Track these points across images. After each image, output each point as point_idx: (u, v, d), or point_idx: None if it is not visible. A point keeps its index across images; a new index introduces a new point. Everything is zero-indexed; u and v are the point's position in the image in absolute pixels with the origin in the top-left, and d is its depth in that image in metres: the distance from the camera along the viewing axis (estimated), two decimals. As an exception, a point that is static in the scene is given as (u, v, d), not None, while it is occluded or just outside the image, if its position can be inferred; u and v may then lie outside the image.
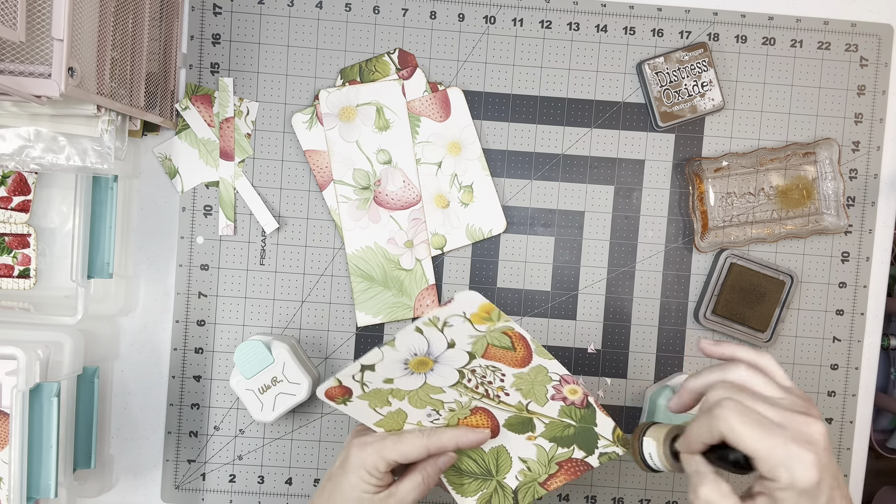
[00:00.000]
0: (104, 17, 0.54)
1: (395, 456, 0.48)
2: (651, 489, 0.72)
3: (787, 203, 0.71)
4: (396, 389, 0.50)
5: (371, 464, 0.48)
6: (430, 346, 0.49)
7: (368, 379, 0.49)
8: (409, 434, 0.49)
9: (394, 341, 0.47)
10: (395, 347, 0.48)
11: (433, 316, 0.47)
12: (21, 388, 0.55)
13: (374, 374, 0.49)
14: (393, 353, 0.48)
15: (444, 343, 0.49)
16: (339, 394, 0.49)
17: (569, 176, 0.72)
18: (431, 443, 0.49)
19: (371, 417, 0.51)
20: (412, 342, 0.48)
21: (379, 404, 0.51)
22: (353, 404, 0.50)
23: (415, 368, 0.50)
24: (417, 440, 0.49)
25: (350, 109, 0.70)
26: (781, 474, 0.38)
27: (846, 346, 0.73)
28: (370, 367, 0.48)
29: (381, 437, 0.49)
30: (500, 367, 0.51)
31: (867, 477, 0.74)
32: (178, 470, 0.71)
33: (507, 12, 0.71)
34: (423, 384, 0.51)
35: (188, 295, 0.71)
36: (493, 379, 0.51)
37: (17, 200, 0.66)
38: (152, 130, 0.70)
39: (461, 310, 0.47)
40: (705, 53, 0.70)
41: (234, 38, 0.70)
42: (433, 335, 0.48)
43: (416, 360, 0.49)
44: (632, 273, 0.72)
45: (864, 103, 0.72)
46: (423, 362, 0.50)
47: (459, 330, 0.48)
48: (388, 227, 0.70)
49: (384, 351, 0.47)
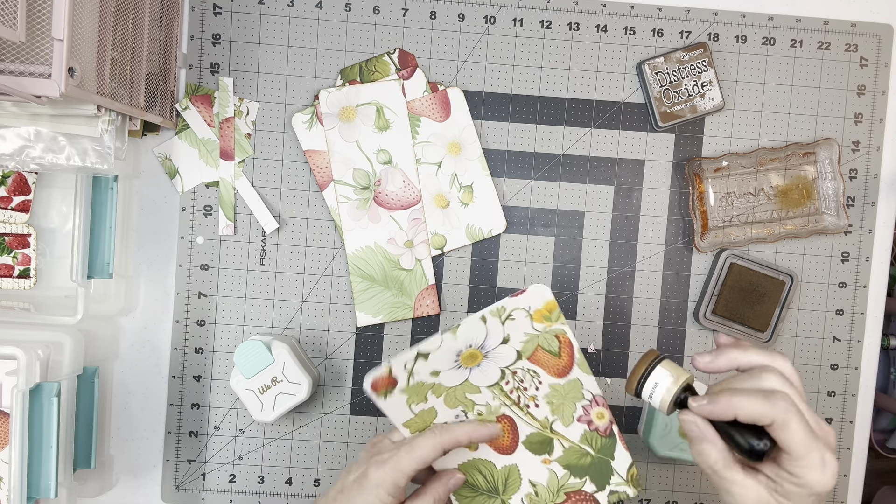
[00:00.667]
0: (104, 17, 0.54)
1: (412, 465, 0.47)
2: (651, 489, 0.72)
3: (787, 203, 0.71)
4: (438, 385, 0.50)
5: (391, 481, 0.47)
6: (487, 339, 0.50)
7: (418, 369, 0.49)
8: (421, 437, 0.48)
9: (457, 328, 0.48)
10: (456, 335, 0.48)
11: (501, 305, 0.48)
12: (21, 388, 0.55)
13: (426, 364, 0.49)
14: (452, 341, 0.49)
15: (500, 337, 0.50)
16: (385, 385, 0.48)
17: (569, 176, 0.72)
18: (444, 439, 0.48)
19: (403, 415, 0.50)
20: (473, 331, 0.49)
21: (416, 400, 0.50)
22: (393, 398, 0.49)
23: (464, 362, 0.50)
24: (430, 439, 0.48)
25: (350, 109, 0.70)
26: (809, 476, 0.41)
27: (846, 346, 0.73)
28: (424, 356, 0.48)
29: (395, 452, 0.48)
30: (540, 373, 0.52)
31: (867, 477, 0.74)
32: (178, 470, 0.71)
33: (507, 12, 0.71)
34: (465, 381, 0.51)
35: (188, 295, 0.71)
36: (530, 385, 0.52)
37: (18, 200, 0.66)
38: (152, 130, 0.70)
39: (528, 303, 0.49)
40: (705, 53, 0.70)
41: (234, 38, 0.70)
42: (494, 326, 0.49)
43: (468, 352, 0.50)
44: (632, 273, 0.72)
45: (864, 103, 0.72)
46: (474, 356, 0.50)
47: (518, 325, 0.50)
48: (388, 227, 0.70)
49: (444, 338, 0.48)
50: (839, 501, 0.73)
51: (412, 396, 0.50)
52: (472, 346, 0.50)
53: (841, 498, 0.73)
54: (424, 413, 0.51)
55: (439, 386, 0.51)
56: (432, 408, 0.51)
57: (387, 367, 0.48)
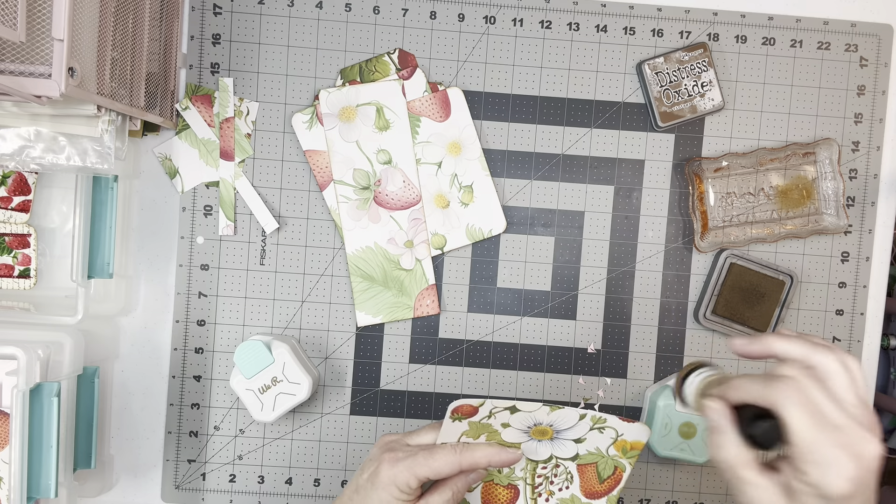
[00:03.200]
0: (104, 17, 0.54)
1: (427, 472, 0.47)
2: (651, 489, 0.72)
3: (786, 203, 0.71)
4: (497, 433, 0.50)
5: (403, 480, 0.47)
6: (571, 429, 0.51)
7: (500, 416, 0.49)
8: (441, 449, 0.48)
9: (558, 409, 0.49)
10: (550, 414, 0.49)
11: (605, 417, 0.49)
12: (21, 388, 0.55)
13: (507, 416, 0.49)
14: (544, 415, 0.49)
15: (578, 435, 0.51)
16: (466, 413, 0.49)
17: (569, 176, 0.72)
18: (464, 459, 0.48)
19: (450, 439, 0.51)
20: (565, 419, 0.50)
21: (471, 435, 0.50)
22: (458, 424, 0.49)
23: (534, 433, 0.51)
24: (450, 456, 0.47)
25: (350, 109, 0.70)
26: (812, 471, 0.38)
27: (846, 346, 0.73)
28: (514, 410, 0.49)
29: (413, 454, 0.48)
30: (575, 481, 0.53)
31: (867, 477, 0.74)
32: (178, 470, 0.71)
33: (507, 12, 0.71)
34: (518, 444, 0.51)
35: (188, 295, 0.71)
36: (558, 483, 0.53)
37: (18, 200, 0.66)
38: (152, 130, 0.70)
39: (625, 431, 0.50)
40: (705, 53, 0.70)
41: (234, 38, 0.70)
42: (583, 426, 0.50)
43: (544, 428, 0.51)
44: (632, 273, 0.72)
45: (864, 103, 0.72)
46: (545, 432, 0.51)
47: (600, 439, 0.51)
48: (388, 227, 0.70)
49: (541, 408, 0.49)
50: (839, 501, 0.73)
51: (472, 430, 0.50)
52: (553, 426, 0.50)
53: (841, 498, 0.73)
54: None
55: (497, 434, 0.51)
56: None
57: (481, 402, 0.48)
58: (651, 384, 0.72)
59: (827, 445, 0.38)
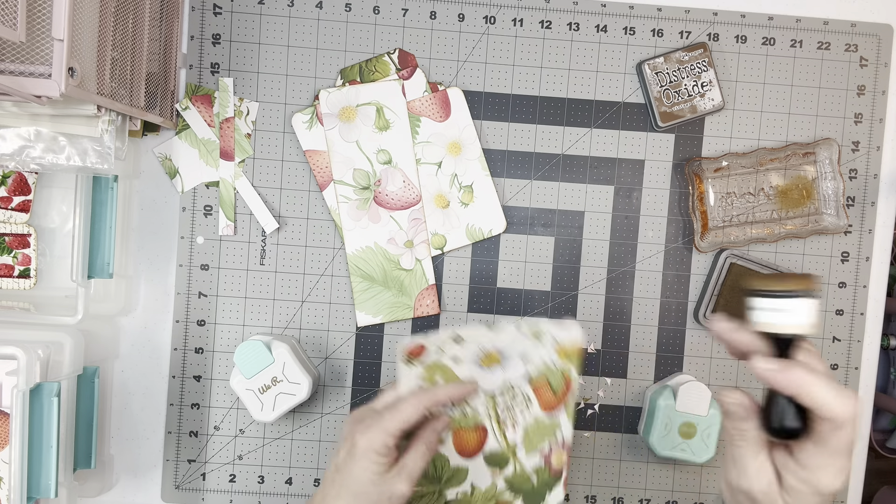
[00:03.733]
0: (104, 17, 0.54)
1: (397, 425, 0.49)
2: (651, 489, 0.72)
3: (786, 203, 0.71)
4: (451, 371, 0.54)
5: (380, 443, 0.48)
6: (511, 349, 0.54)
7: (448, 350, 0.53)
8: (403, 400, 0.51)
9: (496, 327, 0.53)
10: (496, 331, 0.53)
11: (538, 327, 0.53)
12: (21, 388, 0.55)
13: (455, 349, 0.53)
14: (490, 335, 0.53)
15: (520, 352, 0.54)
16: (416, 353, 0.53)
17: (569, 176, 0.72)
18: (426, 398, 0.50)
19: (411, 387, 0.54)
20: (506, 335, 0.53)
21: (428, 379, 0.54)
22: (413, 370, 0.53)
23: (484, 362, 0.54)
24: (412, 399, 0.50)
25: (350, 109, 0.70)
26: (820, 473, 0.40)
27: (846, 346, 0.73)
28: (460, 341, 0.53)
29: (380, 415, 0.50)
30: (533, 402, 0.55)
31: (867, 477, 0.74)
32: (178, 470, 0.71)
33: (507, 12, 0.71)
34: (472, 378, 0.54)
35: (188, 295, 0.71)
36: (519, 410, 0.55)
37: (18, 200, 0.66)
38: (152, 130, 0.70)
39: (560, 334, 0.53)
40: (705, 53, 0.70)
41: (234, 38, 0.70)
42: (522, 340, 0.53)
43: (492, 353, 0.54)
44: (632, 273, 0.72)
45: (864, 103, 0.72)
46: (493, 358, 0.54)
47: (542, 351, 0.53)
48: (388, 227, 0.70)
49: (483, 331, 0.53)
50: (839, 501, 0.73)
51: (428, 374, 0.53)
52: (498, 349, 0.54)
53: (841, 498, 0.73)
54: None
55: (451, 373, 0.54)
56: None
57: (423, 339, 0.52)
58: (651, 384, 0.72)
59: (843, 395, 0.39)
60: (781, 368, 0.39)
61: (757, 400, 0.43)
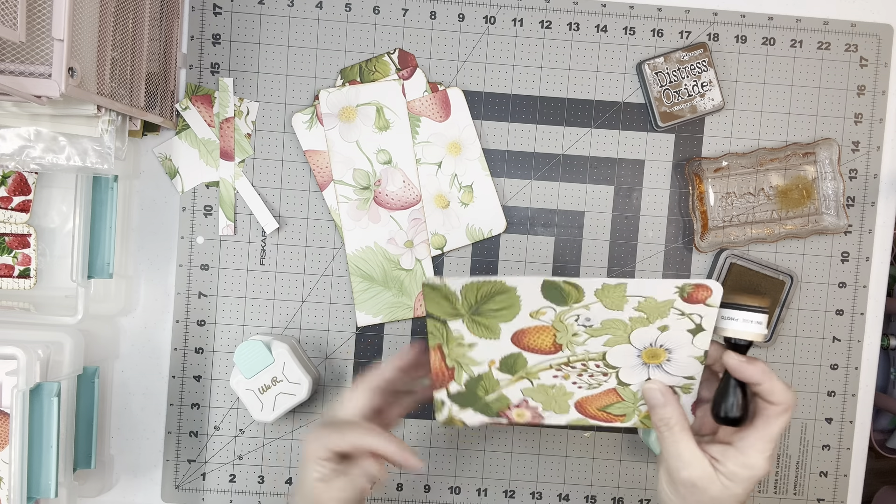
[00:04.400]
0: (104, 17, 0.54)
1: (332, 445, 0.49)
2: (651, 489, 0.72)
3: (786, 203, 0.71)
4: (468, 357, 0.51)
5: (314, 453, 0.50)
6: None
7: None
8: (351, 429, 0.50)
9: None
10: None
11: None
12: (21, 388, 0.55)
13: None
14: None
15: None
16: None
17: (569, 176, 0.72)
18: (361, 441, 0.50)
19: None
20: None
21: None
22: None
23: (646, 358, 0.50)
24: (351, 436, 0.50)
25: (350, 109, 0.70)
26: (755, 457, 0.45)
27: (846, 346, 0.73)
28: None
29: (329, 429, 0.50)
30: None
31: (867, 477, 0.74)
32: (178, 470, 0.71)
33: (507, 12, 0.71)
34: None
35: (188, 295, 0.71)
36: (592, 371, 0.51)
37: (18, 200, 0.66)
38: (152, 130, 0.70)
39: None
40: (705, 53, 0.70)
41: (234, 38, 0.70)
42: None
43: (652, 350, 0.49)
44: (632, 273, 0.72)
45: (864, 103, 0.72)
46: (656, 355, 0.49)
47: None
48: (388, 227, 0.70)
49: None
50: (839, 501, 0.73)
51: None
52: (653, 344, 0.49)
53: (841, 498, 0.73)
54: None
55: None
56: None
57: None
58: (651, 384, 0.72)
59: (776, 380, 0.46)
60: (750, 362, 0.46)
61: (675, 391, 0.50)
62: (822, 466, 0.73)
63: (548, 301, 0.47)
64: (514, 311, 0.48)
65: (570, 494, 0.72)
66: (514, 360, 0.51)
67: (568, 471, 0.72)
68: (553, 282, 0.46)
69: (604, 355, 0.50)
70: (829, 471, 0.73)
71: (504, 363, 0.51)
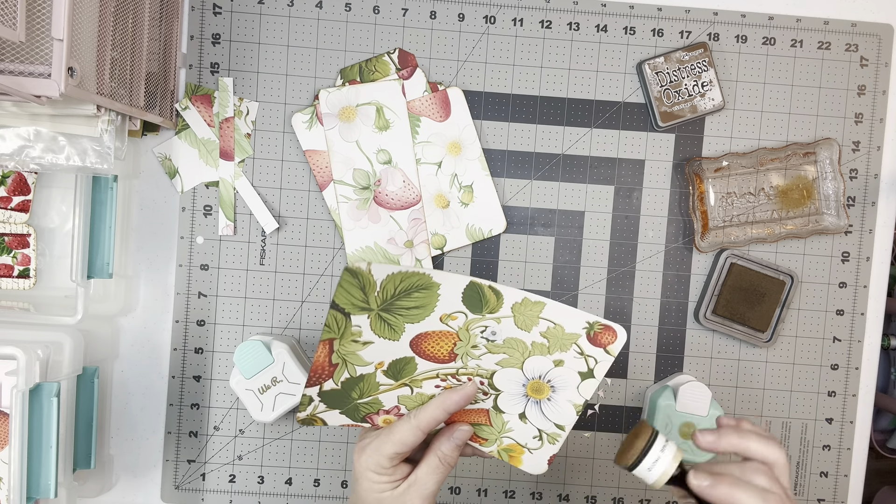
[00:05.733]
0: (104, 17, 0.54)
1: (392, 448, 0.47)
2: (651, 489, 0.72)
3: (787, 203, 0.71)
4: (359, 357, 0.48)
5: (374, 463, 0.48)
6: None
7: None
8: (398, 422, 0.48)
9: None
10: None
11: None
12: (21, 388, 0.55)
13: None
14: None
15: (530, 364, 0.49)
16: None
17: (569, 176, 0.72)
18: (420, 421, 0.47)
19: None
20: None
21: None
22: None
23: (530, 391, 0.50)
24: (405, 424, 0.48)
25: (350, 109, 0.70)
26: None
27: (846, 346, 0.73)
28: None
29: (376, 435, 0.49)
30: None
31: (867, 477, 0.74)
32: (178, 470, 0.71)
33: (507, 12, 0.71)
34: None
35: (188, 295, 0.71)
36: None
37: (17, 200, 0.66)
38: (152, 130, 0.70)
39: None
40: (705, 53, 0.70)
41: (234, 38, 0.70)
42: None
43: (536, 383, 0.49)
44: (632, 273, 0.72)
45: (865, 103, 0.72)
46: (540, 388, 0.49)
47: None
48: (388, 227, 0.70)
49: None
50: (839, 501, 0.73)
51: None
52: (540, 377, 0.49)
53: (841, 498, 0.73)
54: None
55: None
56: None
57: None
58: (651, 384, 0.72)
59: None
60: (712, 484, 0.46)
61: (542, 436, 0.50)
62: (822, 467, 0.73)
63: (464, 305, 0.46)
64: (426, 312, 0.46)
65: (570, 494, 0.72)
66: (403, 364, 0.48)
67: (568, 471, 0.72)
68: (478, 284, 0.45)
69: (492, 374, 0.49)
70: (830, 471, 0.73)
71: (392, 366, 0.48)
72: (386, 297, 0.45)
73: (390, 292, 0.45)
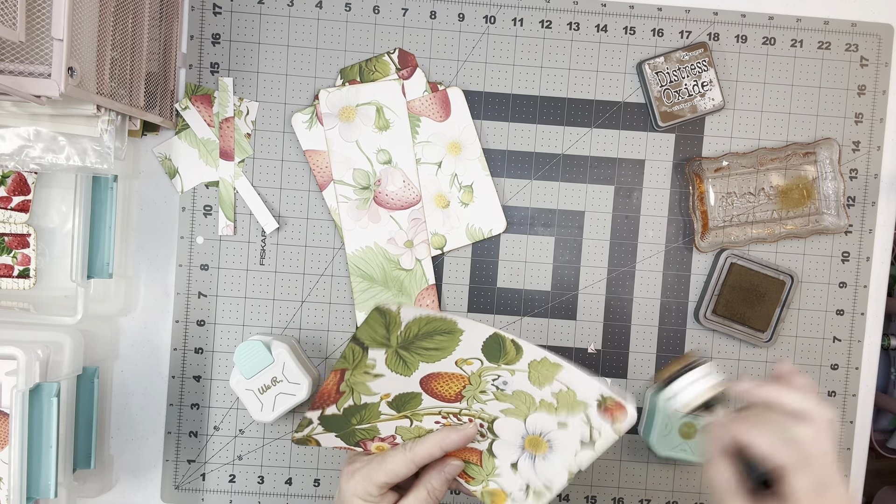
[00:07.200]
0: (104, 17, 0.54)
1: (382, 477, 0.47)
2: (651, 489, 0.72)
3: (787, 203, 0.71)
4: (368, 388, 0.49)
5: (362, 490, 0.47)
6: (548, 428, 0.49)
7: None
8: (392, 452, 0.48)
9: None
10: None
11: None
12: (21, 388, 0.55)
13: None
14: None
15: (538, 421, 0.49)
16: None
17: (569, 176, 0.72)
18: (415, 455, 0.47)
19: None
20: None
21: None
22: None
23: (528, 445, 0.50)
24: (400, 455, 0.47)
25: (350, 109, 0.70)
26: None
27: (846, 346, 0.73)
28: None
29: (367, 462, 0.48)
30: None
31: (867, 477, 0.74)
32: (177, 470, 0.71)
33: (507, 12, 0.71)
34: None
35: (188, 295, 0.71)
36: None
37: (17, 200, 0.66)
38: (152, 130, 0.70)
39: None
40: (705, 53, 0.70)
41: (234, 38, 0.70)
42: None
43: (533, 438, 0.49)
44: (632, 273, 0.72)
45: (865, 103, 0.72)
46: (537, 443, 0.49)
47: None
48: (388, 227, 0.70)
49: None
50: (839, 501, 0.73)
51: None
52: (542, 433, 0.49)
53: (841, 498, 0.73)
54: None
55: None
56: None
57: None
58: (651, 384, 0.72)
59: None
60: (723, 423, 0.45)
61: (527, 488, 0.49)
62: (822, 466, 0.73)
63: (482, 353, 0.46)
64: (443, 355, 0.47)
65: (570, 495, 0.72)
66: (409, 398, 0.49)
67: (568, 471, 0.72)
68: (501, 336, 0.45)
69: (493, 420, 0.49)
70: (830, 471, 0.73)
71: (398, 399, 0.49)
72: (408, 336, 0.46)
73: (413, 332, 0.45)
